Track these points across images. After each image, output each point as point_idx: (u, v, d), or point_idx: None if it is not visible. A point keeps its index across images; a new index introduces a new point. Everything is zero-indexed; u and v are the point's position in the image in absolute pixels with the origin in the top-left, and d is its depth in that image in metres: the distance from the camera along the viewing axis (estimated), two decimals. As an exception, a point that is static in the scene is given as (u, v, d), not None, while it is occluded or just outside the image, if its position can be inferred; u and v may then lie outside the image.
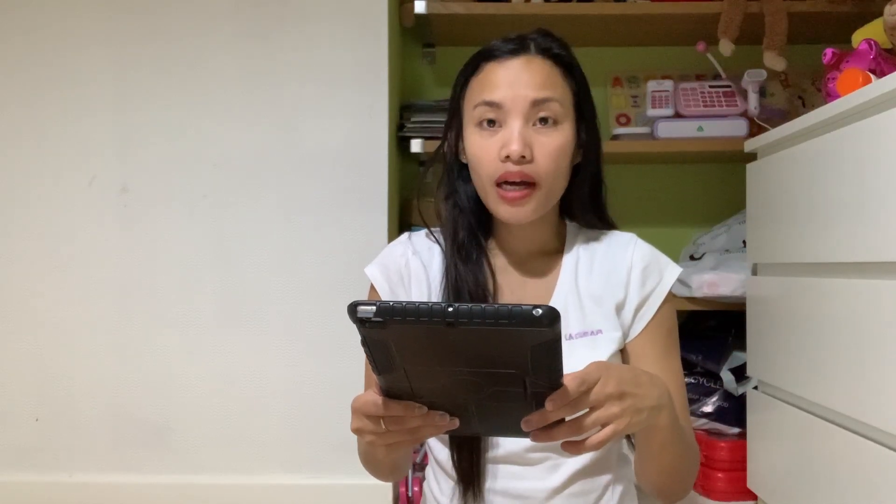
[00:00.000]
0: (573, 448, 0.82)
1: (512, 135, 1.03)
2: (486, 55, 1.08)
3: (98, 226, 1.78)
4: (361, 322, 0.68)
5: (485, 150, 1.05)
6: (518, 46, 1.07)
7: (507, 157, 1.03)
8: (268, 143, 1.77)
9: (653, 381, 0.90)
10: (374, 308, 0.68)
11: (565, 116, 1.06)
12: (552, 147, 1.05)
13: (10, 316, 1.78)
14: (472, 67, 1.10)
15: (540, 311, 0.66)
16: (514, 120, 1.04)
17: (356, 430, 0.84)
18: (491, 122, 1.05)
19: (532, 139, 1.04)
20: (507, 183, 1.05)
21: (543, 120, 1.05)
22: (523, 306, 0.66)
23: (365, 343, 0.72)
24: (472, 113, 1.07)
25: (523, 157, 1.03)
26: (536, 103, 1.04)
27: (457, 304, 0.67)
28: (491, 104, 1.05)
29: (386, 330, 0.69)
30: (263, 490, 1.75)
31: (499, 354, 0.71)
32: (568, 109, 1.07)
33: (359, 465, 1.13)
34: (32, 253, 1.78)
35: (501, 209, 1.07)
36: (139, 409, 1.76)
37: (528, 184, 1.05)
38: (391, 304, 0.68)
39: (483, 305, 0.67)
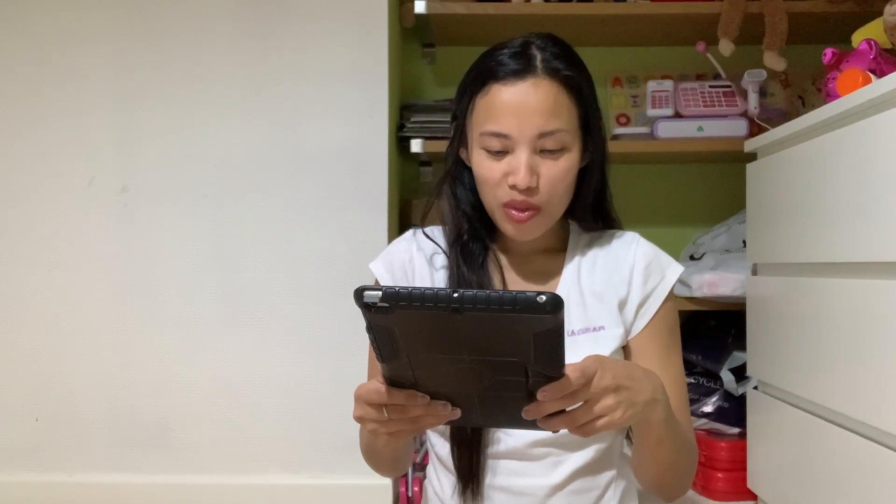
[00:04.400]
0: (577, 431, 0.83)
1: (519, 165, 1.02)
2: (492, 74, 1.05)
3: (98, 226, 1.78)
4: (367, 307, 0.69)
5: (491, 173, 1.05)
6: (524, 65, 1.03)
7: (515, 185, 1.03)
8: (268, 142, 1.77)
9: (647, 375, 0.91)
10: (380, 293, 0.68)
11: (572, 141, 1.05)
12: (558, 173, 1.05)
13: (10, 316, 1.78)
14: (477, 84, 1.06)
15: (544, 297, 0.66)
16: (520, 150, 1.03)
17: (358, 418, 0.85)
18: (498, 151, 1.05)
19: (538, 166, 1.04)
20: (513, 205, 1.05)
21: (551, 148, 1.04)
22: (528, 293, 0.67)
23: (370, 329, 0.72)
24: (478, 137, 1.06)
25: (530, 186, 1.03)
26: (543, 135, 1.03)
27: (462, 291, 0.67)
28: (497, 135, 1.03)
29: (391, 315, 0.69)
30: (263, 490, 1.75)
31: (502, 342, 0.71)
32: (575, 133, 1.06)
33: (359, 465, 1.13)
34: (32, 253, 1.78)
35: (507, 227, 1.08)
36: (139, 409, 1.76)
37: (536, 208, 1.06)
38: (397, 289, 0.68)
39: (488, 292, 0.68)
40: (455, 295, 0.67)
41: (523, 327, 0.69)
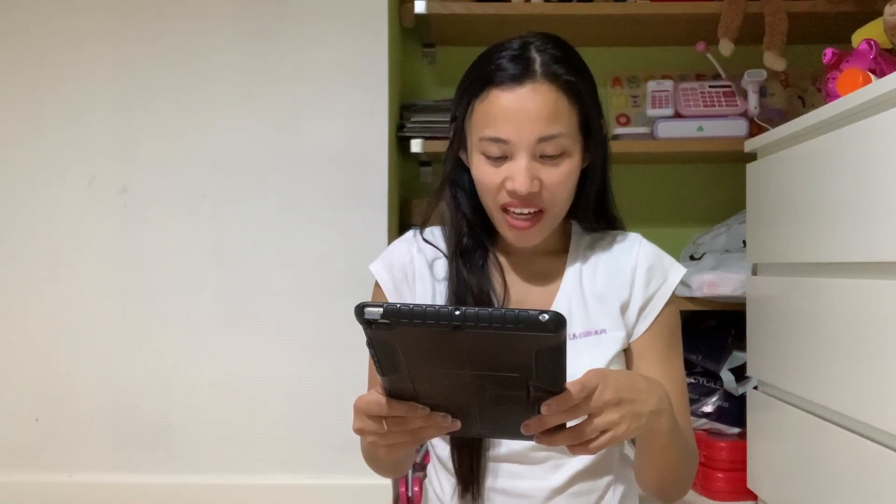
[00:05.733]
0: (577, 449, 0.82)
1: (519, 171, 1.01)
2: (491, 78, 1.03)
3: (98, 226, 1.78)
4: (368, 323, 0.69)
5: (491, 178, 1.04)
6: (523, 70, 1.01)
7: (514, 190, 1.02)
8: (268, 143, 1.77)
9: (651, 386, 0.90)
10: (380, 310, 0.68)
11: (572, 145, 1.04)
12: (559, 177, 1.03)
13: (11, 315, 1.78)
14: (476, 88, 1.05)
15: (546, 316, 0.66)
16: (520, 156, 1.01)
17: (358, 430, 0.84)
18: (498, 157, 1.04)
19: (538, 171, 1.02)
20: (513, 209, 1.04)
21: (551, 153, 1.02)
22: (530, 311, 0.66)
23: (370, 344, 0.72)
24: (477, 142, 1.05)
25: (530, 192, 1.02)
26: (543, 140, 1.01)
27: (463, 308, 0.67)
28: (496, 140, 1.02)
29: (392, 332, 0.69)
30: (263, 490, 1.75)
31: (503, 358, 0.71)
32: (575, 136, 1.04)
33: (359, 465, 1.13)
34: (32, 253, 1.78)
35: (508, 233, 1.08)
36: (139, 408, 1.76)
37: (537, 211, 1.05)
38: (398, 306, 0.68)
39: (489, 310, 0.67)
40: (456, 313, 0.67)
41: (525, 345, 0.68)
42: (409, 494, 1.73)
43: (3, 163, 1.78)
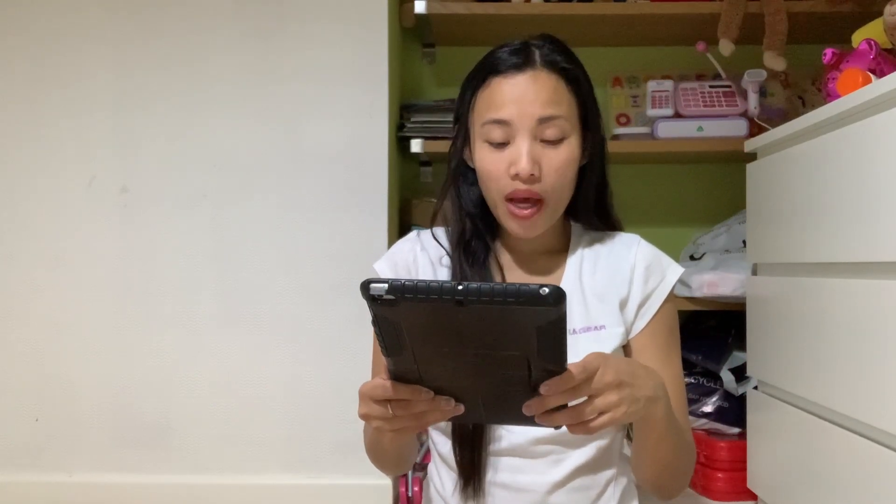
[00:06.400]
0: (577, 429, 0.83)
1: (521, 153, 1.04)
2: (492, 68, 1.08)
3: (98, 226, 1.78)
4: (373, 299, 0.70)
5: (494, 166, 1.07)
6: (524, 59, 1.07)
7: (517, 174, 1.04)
8: (268, 143, 1.77)
9: (649, 373, 0.92)
10: (386, 285, 0.69)
11: (572, 130, 1.07)
12: (559, 162, 1.06)
13: (10, 315, 1.78)
14: (478, 80, 1.10)
15: (546, 289, 0.67)
16: (521, 138, 1.05)
17: (363, 416, 0.86)
18: (500, 142, 1.07)
19: (539, 155, 1.05)
20: (516, 198, 1.07)
21: (551, 136, 1.06)
22: (531, 285, 0.68)
23: (375, 322, 0.73)
24: (480, 129, 1.08)
25: (532, 174, 1.04)
26: (543, 121, 1.05)
27: (466, 283, 0.69)
28: (499, 122, 1.06)
29: (397, 308, 0.70)
30: (263, 490, 1.75)
31: (505, 335, 0.72)
32: (574, 123, 1.08)
33: (359, 465, 1.13)
34: (32, 252, 1.78)
35: (511, 224, 1.09)
36: (139, 409, 1.76)
37: (537, 200, 1.07)
38: (403, 281, 0.70)
39: (491, 284, 0.69)
40: (459, 287, 0.68)
41: (526, 320, 0.70)
42: (409, 494, 1.73)
43: (3, 163, 1.78)
